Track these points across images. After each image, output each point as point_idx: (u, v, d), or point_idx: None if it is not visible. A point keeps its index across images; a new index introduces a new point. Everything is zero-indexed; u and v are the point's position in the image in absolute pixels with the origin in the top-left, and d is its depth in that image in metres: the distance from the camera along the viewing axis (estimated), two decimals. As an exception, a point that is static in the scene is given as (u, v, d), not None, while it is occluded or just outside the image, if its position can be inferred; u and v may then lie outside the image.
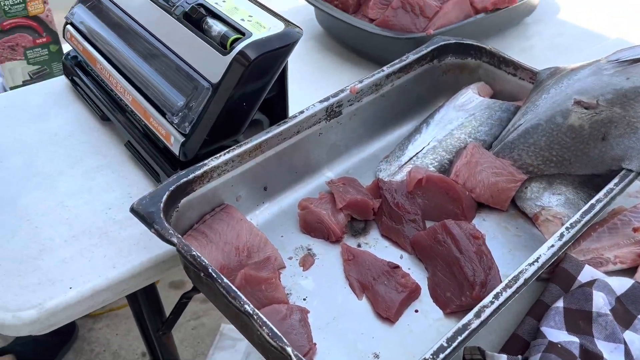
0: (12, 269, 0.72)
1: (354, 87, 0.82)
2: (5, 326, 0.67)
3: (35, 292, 0.69)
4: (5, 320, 0.67)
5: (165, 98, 0.78)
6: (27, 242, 0.75)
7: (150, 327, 1.02)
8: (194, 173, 0.69)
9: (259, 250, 0.71)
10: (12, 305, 0.68)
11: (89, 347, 1.64)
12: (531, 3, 1.17)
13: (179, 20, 0.79)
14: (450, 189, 0.76)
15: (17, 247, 0.74)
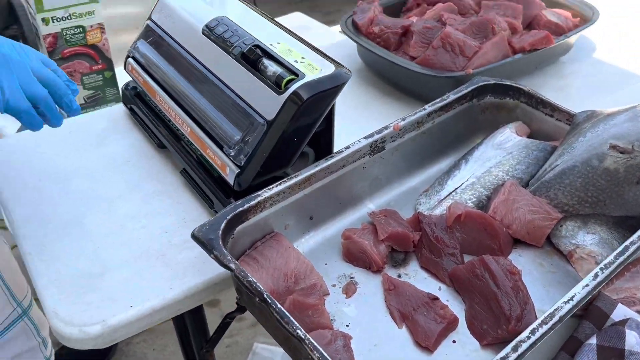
0: (77, 286, 0.78)
1: (397, 125, 0.87)
2: (72, 340, 0.73)
3: (99, 309, 0.75)
4: (72, 335, 0.73)
5: (222, 131, 0.84)
6: (91, 262, 0.81)
7: (194, 345, 1.07)
8: (249, 203, 0.74)
9: (305, 277, 0.76)
10: (78, 320, 0.74)
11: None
12: (568, 43, 1.21)
13: (237, 59, 0.85)
14: (489, 225, 0.80)
15: (82, 266, 0.80)
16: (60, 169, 0.97)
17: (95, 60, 1.45)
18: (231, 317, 1.00)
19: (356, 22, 1.20)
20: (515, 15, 1.19)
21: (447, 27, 1.10)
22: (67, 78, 0.76)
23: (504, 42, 1.11)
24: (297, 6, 3.82)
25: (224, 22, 0.90)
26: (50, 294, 0.77)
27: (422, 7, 1.29)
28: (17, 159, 1.01)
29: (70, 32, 1.37)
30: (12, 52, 0.69)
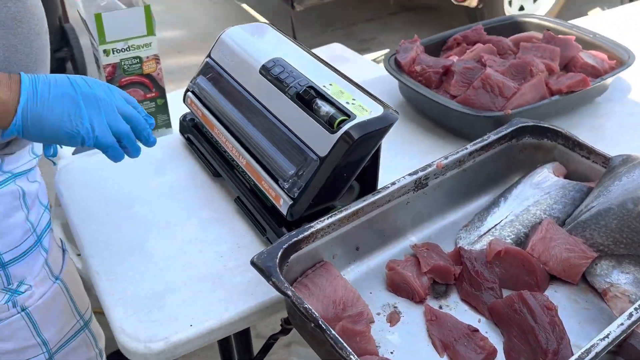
0: (142, 305, 0.85)
1: (440, 163, 0.92)
2: (137, 354, 0.80)
3: (162, 327, 0.81)
4: (138, 350, 0.79)
5: (277, 165, 0.90)
6: (154, 283, 0.88)
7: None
8: (303, 234, 0.80)
9: (352, 305, 0.81)
10: (143, 336, 0.80)
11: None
12: (604, 85, 1.25)
13: (292, 99, 0.92)
14: (527, 262, 0.84)
15: (146, 286, 0.87)
16: (123, 194, 1.05)
17: (149, 89, 1.54)
18: (275, 339, 1.06)
19: (399, 61, 1.27)
20: (552, 57, 1.24)
21: (487, 69, 1.16)
22: (146, 113, 0.82)
23: (542, 84, 1.16)
24: (333, 34, 3.93)
25: (280, 63, 0.98)
26: (117, 312, 0.83)
27: (461, 47, 1.35)
28: (80, 182, 1.09)
29: (128, 63, 1.47)
30: (102, 93, 0.75)
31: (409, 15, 4.20)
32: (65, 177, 1.12)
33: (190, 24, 4.13)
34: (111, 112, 0.76)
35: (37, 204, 0.90)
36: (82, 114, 0.73)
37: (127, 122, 0.78)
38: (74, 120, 0.73)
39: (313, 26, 3.99)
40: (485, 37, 1.36)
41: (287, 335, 1.78)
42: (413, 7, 4.25)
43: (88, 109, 0.74)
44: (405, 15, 4.20)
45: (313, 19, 4.04)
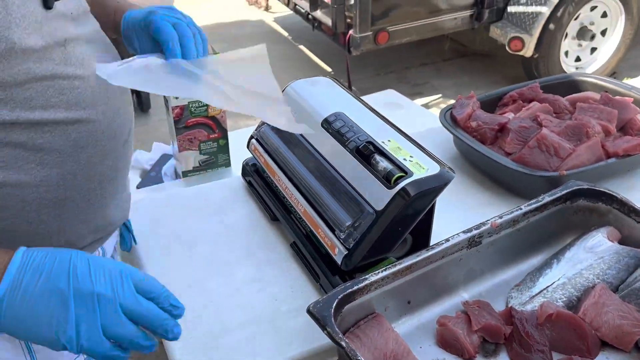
0: (201, 343, 0.89)
1: (495, 223, 0.94)
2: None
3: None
4: (194, 388, 0.83)
5: (334, 215, 0.94)
6: (212, 322, 0.92)
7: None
8: (358, 285, 0.83)
9: (402, 358, 0.83)
10: (200, 374, 0.84)
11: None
12: (662, 148, 1.24)
13: (352, 153, 0.96)
14: (578, 327, 0.84)
15: (205, 324, 0.92)
16: (186, 232, 1.11)
17: (213, 130, 1.63)
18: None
19: (455, 116, 1.30)
20: (609, 119, 1.25)
21: (543, 129, 1.17)
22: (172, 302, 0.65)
23: (598, 146, 1.16)
24: (386, 77, 4.00)
25: (341, 118, 1.03)
26: (177, 348, 0.88)
27: (517, 104, 1.37)
28: (147, 217, 1.16)
29: (195, 105, 1.56)
30: (105, 289, 0.61)
31: (462, 61, 4.24)
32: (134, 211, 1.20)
33: (248, 63, 4.28)
34: (111, 312, 0.61)
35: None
36: (68, 318, 0.59)
37: (137, 320, 0.63)
38: (55, 325, 0.59)
39: (367, 69, 4.08)
40: (542, 95, 1.38)
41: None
42: (467, 54, 4.29)
43: (78, 310, 0.60)
44: (459, 61, 4.24)
45: (368, 62, 4.13)
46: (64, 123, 0.72)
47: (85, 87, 0.74)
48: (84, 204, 0.79)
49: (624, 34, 3.70)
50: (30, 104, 0.68)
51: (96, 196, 0.80)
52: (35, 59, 0.68)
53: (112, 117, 0.79)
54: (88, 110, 0.75)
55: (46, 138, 0.71)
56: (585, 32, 3.63)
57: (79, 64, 0.74)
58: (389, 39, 3.28)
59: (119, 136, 0.82)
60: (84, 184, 0.77)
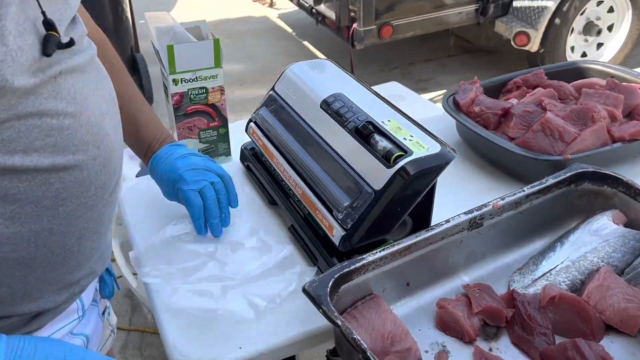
0: (196, 325, 0.87)
1: (497, 204, 0.92)
2: (188, 373, 0.82)
3: (212, 347, 0.84)
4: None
5: (332, 196, 0.92)
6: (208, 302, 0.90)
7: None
8: (355, 265, 0.81)
9: (400, 340, 0.81)
10: (195, 355, 0.83)
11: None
12: (669, 134, 1.22)
13: (351, 133, 0.94)
14: (582, 309, 0.82)
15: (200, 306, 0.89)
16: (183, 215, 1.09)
17: (213, 118, 1.61)
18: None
19: (457, 101, 1.28)
20: (616, 104, 1.22)
21: (547, 113, 1.15)
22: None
23: (604, 131, 1.14)
24: (390, 73, 3.98)
25: (340, 99, 1.01)
26: (171, 329, 0.86)
27: (521, 90, 1.35)
28: (143, 202, 1.14)
29: (195, 92, 1.54)
30: None
31: (467, 57, 4.21)
32: (130, 196, 1.18)
33: (253, 59, 4.28)
34: None
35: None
36: None
37: None
38: None
39: (372, 65, 4.06)
40: (546, 81, 1.36)
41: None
42: (472, 50, 4.26)
43: None
44: (464, 57, 4.21)
45: (372, 57, 4.11)
46: (46, 171, 0.60)
47: (76, 127, 0.62)
48: (58, 263, 0.67)
49: (630, 30, 3.66)
50: (9, 147, 0.56)
51: (73, 254, 0.68)
52: (21, 93, 0.56)
53: (103, 164, 0.68)
54: (77, 156, 0.63)
55: (22, 188, 0.59)
56: (592, 27, 3.60)
57: (70, 99, 0.62)
58: (393, 33, 3.26)
59: (108, 185, 0.70)
60: (59, 241, 0.65)
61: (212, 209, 0.97)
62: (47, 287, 0.68)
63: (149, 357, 1.94)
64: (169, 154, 0.99)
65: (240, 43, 4.54)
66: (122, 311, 2.11)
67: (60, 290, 0.71)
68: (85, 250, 0.71)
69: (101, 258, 0.78)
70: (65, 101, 0.61)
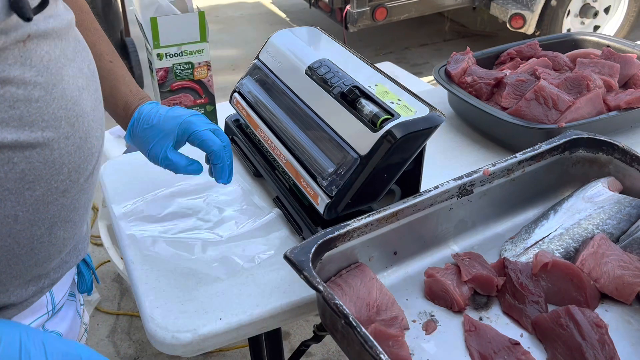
0: (173, 295, 0.84)
1: (487, 170, 0.88)
2: (165, 345, 0.78)
3: (191, 319, 0.80)
4: (165, 339, 0.78)
5: (317, 163, 0.89)
6: (188, 275, 0.87)
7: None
8: (339, 231, 0.78)
9: (387, 309, 0.78)
10: (172, 327, 0.79)
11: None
12: (667, 104, 1.18)
13: (336, 98, 0.91)
14: (576, 277, 0.79)
15: (179, 277, 0.87)
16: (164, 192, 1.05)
17: (199, 94, 1.57)
18: (306, 345, 1.03)
19: (449, 71, 1.24)
20: (611, 73, 1.19)
21: (541, 81, 1.11)
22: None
23: (599, 99, 1.10)
24: (385, 57, 3.93)
25: (326, 64, 0.97)
26: (149, 300, 0.83)
27: (515, 61, 1.31)
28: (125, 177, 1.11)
29: (180, 68, 1.50)
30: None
31: (463, 42, 4.16)
32: (111, 171, 1.14)
33: (245, 44, 4.23)
34: None
35: None
36: None
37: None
38: None
39: (366, 49, 4.01)
40: (540, 52, 1.32)
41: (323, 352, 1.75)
42: (468, 35, 4.22)
43: None
44: (459, 42, 4.17)
45: (366, 42, 4.07)
46: (9, 148, 0.53)
47: (47, 101, 0.56)
48: (25, 254, 0.60)
49: (627, 12, 3.62)
50: None
51: (42, 244, 0.61)
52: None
53: (78, 144, 0.60)
54: (47, 133, 0.56)
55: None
56: (588, 9, 3.56)
57: (42, 68, 0.56)
58: (387, 15, 3.21)
59: (83, 169, 0.63)
60: (26, 230, 0.58)
61: (229, 148, 0.87)
62: (12, 280, 0.61)
63: (137, 341, 1.90)
64: (156, 109, 0.88)
65: (233, 29, 4.49)
66: (111, 296, 2.08)
67: (26, 284, 0.64)
68: (57, 241, 0.63)
69: (75, 249, 0.71)
70: (35, 70, 0.55)
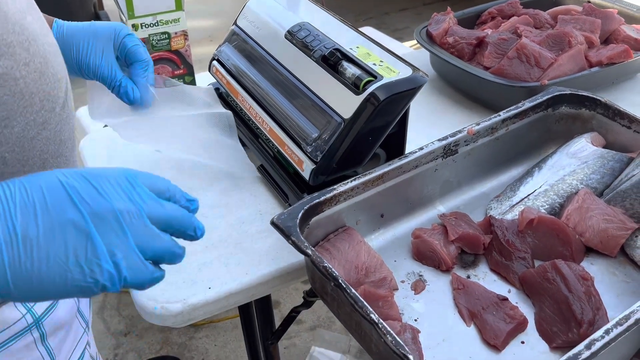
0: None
1: (471, 129, 0.88)
2: (154, 316, 0.78)
3: (180, 289, 0.80)
4: (155, 310, 0.78)
5: (300, 129, 0.88)
6: (174, 245, 0.86)
7: (259, 337, 1.11)
8: (325, 196, 0.78)
9: (375, 271, 0.78)
10: (161, 298, 0.79)
11: (189, 354, 1.76)
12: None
13: (317, 62, 0.89)
14: (561, 231, 0.80)
15: (166, 249, 0.86)
16: (147, 161, 1.04)
17: (178, 65, 1.53)
18: (297, 311, 1.03)
19: (430, 33, 1.23)
20: (592, 29, 1.18)
21: (522, 39, 1.11)
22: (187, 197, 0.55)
23: (581, 55, 1.10)
24: (365, 23, 3.89)
25: (306, 27, 0.95)
26: (136, 272, 0.82)
27: (496, 20, 1.30)
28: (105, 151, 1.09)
29: (157, 38, 1.47)
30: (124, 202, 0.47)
31: (444, 5, 4.11)
32: (91, 146, 1.12)
33: (222, 14, 4.15)
34: (141, 227, 0.48)
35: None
36: (98, 250, 0.46)
37: (167, 227, 0.51)
38: (84, 264, 0.45)
39: (346, 15, 3.96)
40: (521, 10, 1.31)
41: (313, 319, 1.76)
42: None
43: (105, 237, 0.46)
44: (440, 5, 4.12)
45: (346, 7, 4.01)
46: None
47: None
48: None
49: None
50: None
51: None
52: None
53: (40, 70, 0.58)
54: (4, 61, 0.52)
55: None
56: (568, -32, 3.53)
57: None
58: (365, -21, 3.15)
59: (55, 96, 0.60)
60: (19, 171, 0.56)
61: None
62: None
63: (127, 316, 1.91)
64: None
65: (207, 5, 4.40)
66: (99, 272, 2.07)
67: None
68: None
69: None
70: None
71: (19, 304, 0.64)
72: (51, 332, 0.68)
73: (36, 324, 0.66)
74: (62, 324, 0.70)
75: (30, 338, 0.65)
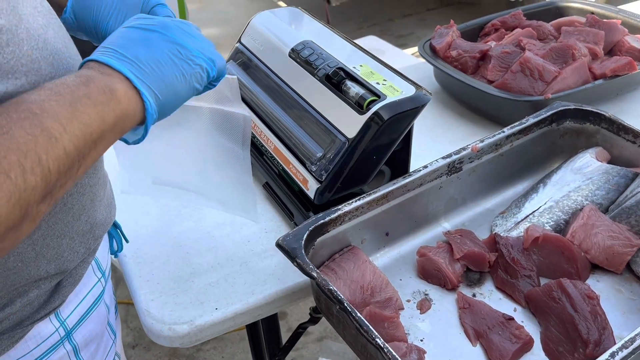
0: (168, 288, 0.84)
1: (475, 146, 0.88)
2: (162, 337, 0.79)
3: (187, 310, 0.80)
4: (162, 332, 0.78)
5: (305, 148, 0.88)
6: (180, 266, 0.87)
7: (267, 353, 1.11)
8: (330, 216, 0.78)
9: (381, 291, 0.78)
10: (168, 319, 0.79)
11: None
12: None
13: (321, 81, 0.90)
14: (566, 249, 0.80)
15: (172, 270, 0.86)
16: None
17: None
18: (303, 328, 1.04)
19: (434, 46, 1.23)
20: (596, 41, 1.18)
21: (526, 52, 1.11)
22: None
23: (585, 68, 1.10)
24: (369, 29, 3.89)
25: (310, 46, 0.96)
26: (143, 294, 0.83)
27: (499, 32, 1.30)
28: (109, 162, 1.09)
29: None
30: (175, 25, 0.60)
31: (447, 10, 4.13)
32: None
33: (226, 22, 4.16)
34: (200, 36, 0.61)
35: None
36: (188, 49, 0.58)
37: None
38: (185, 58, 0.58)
39: (349, 22, 3.97)
40: (525, 22, 1.31)
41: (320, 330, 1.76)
42: (452, 3, 4.18)
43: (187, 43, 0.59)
44: (444, 10, 4.13)
45: (349, 14, 4.02)
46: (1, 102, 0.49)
47: (17, 43, 0.52)
48: (62, 212, 0.60)
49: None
50: None
51: (73, 198, 0.61)
52: None
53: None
54: (31, 77, 0.53)
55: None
56: (571, -28, 3.53)
57: (9, 9, 0.52)
58: (369, -13, 3.16)
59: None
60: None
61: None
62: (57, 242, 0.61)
63: (135, 328, 1.91)
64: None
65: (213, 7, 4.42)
66: (107, 284, 2.08)
67: (72, 246, 0.63)
68: (85, 191, 0.64)
69: (106, 205, 0.70)
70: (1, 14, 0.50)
71: (53, 317, 0.66)
72: (83, 345, 0.70)
73: (67, 337, 0.68)
74: (93, 336, 0.71)
75: (63, 351, 0.67)
